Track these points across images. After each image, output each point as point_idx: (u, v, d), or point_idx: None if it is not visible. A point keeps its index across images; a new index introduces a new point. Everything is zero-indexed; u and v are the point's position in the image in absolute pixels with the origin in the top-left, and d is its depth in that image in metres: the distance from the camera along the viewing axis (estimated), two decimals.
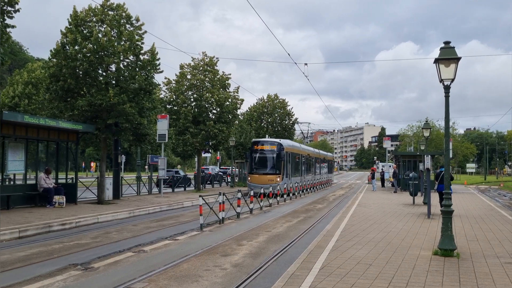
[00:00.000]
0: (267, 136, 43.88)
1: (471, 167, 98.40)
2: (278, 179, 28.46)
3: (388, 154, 57.32)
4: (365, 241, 11.00)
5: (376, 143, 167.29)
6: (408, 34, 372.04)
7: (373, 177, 39.17)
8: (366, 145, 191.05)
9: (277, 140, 31.08)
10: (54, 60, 20.08)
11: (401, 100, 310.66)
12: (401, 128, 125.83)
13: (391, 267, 8.11)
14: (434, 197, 20.89)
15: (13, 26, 15.70)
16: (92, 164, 73.08)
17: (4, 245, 10.97)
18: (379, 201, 24.10)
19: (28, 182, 18.91)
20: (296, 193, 29.66)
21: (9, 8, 15.18)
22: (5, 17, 15.22)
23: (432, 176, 22.63)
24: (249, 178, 29.90)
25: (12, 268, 8.51)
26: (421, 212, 17.79)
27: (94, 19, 20.34)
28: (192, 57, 34.00)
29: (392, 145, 75.89)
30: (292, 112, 56.01)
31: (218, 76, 32.45)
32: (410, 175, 26.94)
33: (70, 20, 20.14)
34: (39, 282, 7.55)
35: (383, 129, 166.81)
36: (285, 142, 31.61)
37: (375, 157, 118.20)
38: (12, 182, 20.59)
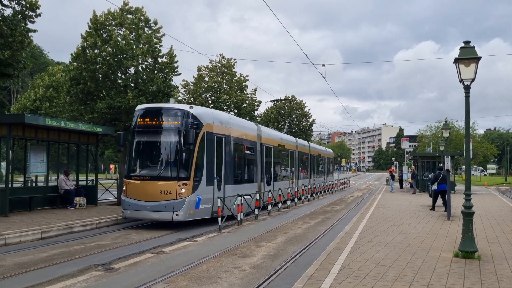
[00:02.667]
0: None
1: (491, 167, 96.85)
2: (183, 191, 14.09)
3: (407, 155, 56.70)
4: (384, 242, 10.94)
5: (394, 144, 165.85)
6: (428, 33, 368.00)
7: (392, 178, 38.85)
8: (384, 146, 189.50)
9: (185, 107, 15.58)
10: (75, 63, 20.47)
11: (420, 100, 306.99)
12: (420, 129, 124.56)
13: (411, 269, 8.05)
14: (454, 198, 20.68)
15: (34, 31, 15.99)
16: (111, 166, 73.85)
17: (27, 246, 11.17)
18: (398, 202, 23.91)
19: (49, 184, 19.21)
20: (240, 216, 15.70)
21: (30, 13, 15.46)
22: (27, 22, 15.50)
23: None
24: (124, 188, 15.14)
25: (35, 269, 8.66)
26: (440, 214, 17.61)
27: (113, 23, 20.65)
28: (209, 59, 34.17)
29: (410, 146, 75.25)
30: (310, 114, 56.01)
31: (235, 78, 32.55)
32: (429, 176, 26.66)
33: (90, 24, 20.47)
34: (61, 282, 7.68)
35: (401, 130, 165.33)
36: (205, 112, 16.04)
37: (393, 158, 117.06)
38: (34, 184, 20.94)
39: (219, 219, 14.19)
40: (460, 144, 59.81)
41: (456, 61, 9.34)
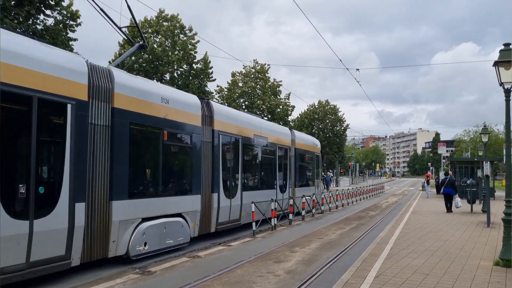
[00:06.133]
0: None
1: None
2: None
3: (443, 160, 55.45)
4: (421, 249, 10.74)
5: (430, 149, 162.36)
6: (468, 34, 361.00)
7: (427, 184, 38.16)
8: (419, 151, 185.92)
9: None
10: None
11: (459, 103, 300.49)
12: (457, 134, 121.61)
13: (450, 278, 7.88)
14: (494, 205, 20.15)
15: (75, 39, 16.50)
16: None
17: None
18: (434, 208, 23.41)
19: None
20: None
21: (71, 22, 15.96)
22: (68, 31, 16.01)
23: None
24: None
25: (74, 271, 8.88)
26: (480, 221, 17.15)
27: (150, 30, 21.06)
28: (243, 65, 34.44)
29: (447, 151, 73.60)
30: (344, 118, 55.60)
31: (269, 83, 32.70)
32: (468, 182, 26.02)
33: (127, 31, 20.94)
34: (100, 284, 7.86)
35: (437, 134, 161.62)
36: None
37: (429, 163, 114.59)
38: None
39: (253, 224, 14.25)
40: (499, 149, 58.21)
41: (496, 64, 9.15)
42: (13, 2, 14.14)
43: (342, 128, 55.69)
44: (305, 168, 22.14)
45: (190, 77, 21.26)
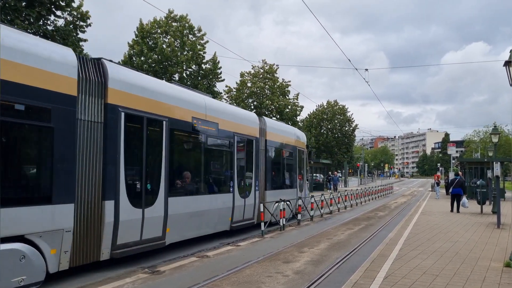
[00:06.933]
0: None
1: None
2: None
3: (453, 161, 55.05)
4: (430, 250, 10.69)
5: (439, 149, 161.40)
6: (478, 33, 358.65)
7: (437, 184, 38.02)
8: (428, 152, 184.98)
9: None
10: None
11: (469, 104, 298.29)
12: (467, 134, 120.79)
13: (460, 279, 7.84)
14: (504, 206, 20.01)
15: (85, 40, 16.62)
16: None
17: None
18: (444, 209, 23.26)
19: None
20: None
21: (81, 23, 16.08)
22: (78, 32, 16.13)
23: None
24: None
25: (83, 271, 8.94)
26: (489, 222, 17.03)
27: (159, 31, 21.16)
28: (252, 65, 34.48)
29: (457, 151, 73.18)
30: (352, 118, 55.52)
31: (278, 84, 32.70)
32: (478, 182, 25.85)
33: (136, 32, 21.07)
34: (109, 284, 7.89)
35: (447, 135, 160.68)
36: None
37: (439, 164, 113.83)
38: None
39: (262, 224, 14.25)
40: (510, 149, 57.79)
41: (507, 64, 9.09)
42: (24, 3, 14.27)
43: (351, 128, 55.60)
44: (282, 166, 17.79)
45: (199, 78, 21.33)
